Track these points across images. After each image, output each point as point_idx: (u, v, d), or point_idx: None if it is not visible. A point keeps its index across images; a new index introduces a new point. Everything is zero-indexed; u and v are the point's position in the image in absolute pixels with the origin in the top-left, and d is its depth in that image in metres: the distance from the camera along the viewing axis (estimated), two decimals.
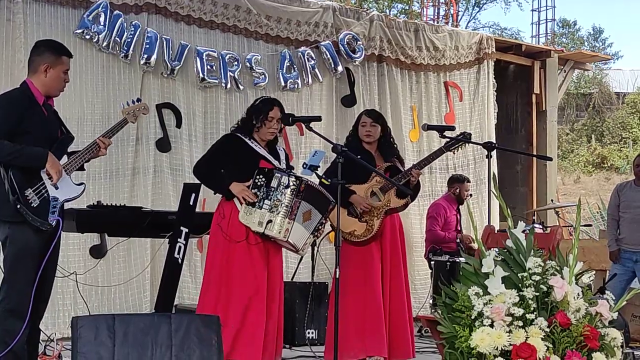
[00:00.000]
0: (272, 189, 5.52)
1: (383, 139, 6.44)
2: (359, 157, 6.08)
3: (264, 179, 5.54)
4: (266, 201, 5.52)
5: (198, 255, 8.14)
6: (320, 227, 5.74)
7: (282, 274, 5.91)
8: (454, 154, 6.77)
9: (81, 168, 5.15)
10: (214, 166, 5.71)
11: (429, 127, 6.81)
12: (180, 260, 6.08)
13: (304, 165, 5.87)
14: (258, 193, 5.54)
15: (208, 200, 6.94)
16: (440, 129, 6.73)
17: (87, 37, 7.73)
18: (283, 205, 5.50)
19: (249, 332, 5.51)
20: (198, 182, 5.93)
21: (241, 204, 5.58)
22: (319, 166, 5.85)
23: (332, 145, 5.57)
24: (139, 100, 5.51)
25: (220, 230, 5.64)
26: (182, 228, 6.03)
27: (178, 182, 8.00)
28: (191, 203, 6.04)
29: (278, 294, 5.72)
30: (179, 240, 6.04)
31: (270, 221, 5.50)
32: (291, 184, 5.52)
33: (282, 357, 5.84)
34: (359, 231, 6.19)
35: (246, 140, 5.74)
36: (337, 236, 5.33)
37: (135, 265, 7.70)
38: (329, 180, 5.55)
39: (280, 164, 5.78)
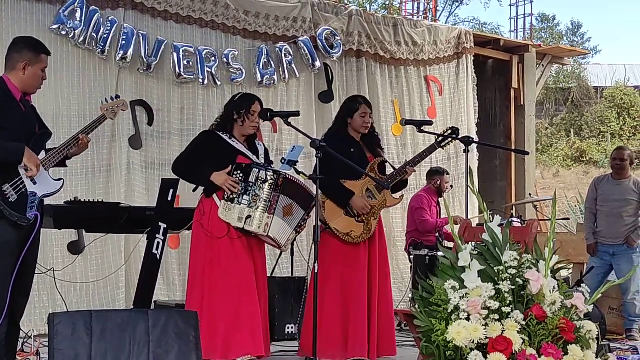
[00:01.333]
0: (251, 184, 5.52)
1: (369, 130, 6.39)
2: (352, 150, 6.10)
3: (241, 175, 5.54)
4: (245, 196, 5.52)
5: (172, 253, 8.13)
6: (303, 224, 5.74)
7: (266, 268, 5.93)
8: (444, 149, 6.74)
9: (63, 164, 5.16)
10: (193, 163, 5.72)
11: (407, 122, 6.82)
12: (158, 256, 6.07)
13: (283, 161, 5.90)
14: (236, 189, 5.54)
15: (182, 196, 6.96)
16: (418, 124, 6.73)
17: (63, 32, 7.70)
18: (261, 200, 5.50)
19: (247, 325, 5.51)
20: (176, 177, 5.93)
21: (220, 199, 5.58)
22: (297, 161, 5.88)
23: (310, 141, 5.58)
24: (117, 97, 5.50)
25: (201, 227, 5.65)
26: (160, 224, 6.03)
27: (149, 179, 8.04)
28: (169, 199, 6.03)
29: (263, 288, 5.74)
30: (157, 236, 6.02)
31: (249, 216, 5.50)
32: (269, 178, 5.52)
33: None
34: (357, 232, 6.10)
35: (223, 136, 5.74)
36: (316, 231, 5.33)
37: (114, 262, 7.69)
38: (307, 175, 5.57)
39: (258, 158, 5.78)
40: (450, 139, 6.44)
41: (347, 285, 6.10)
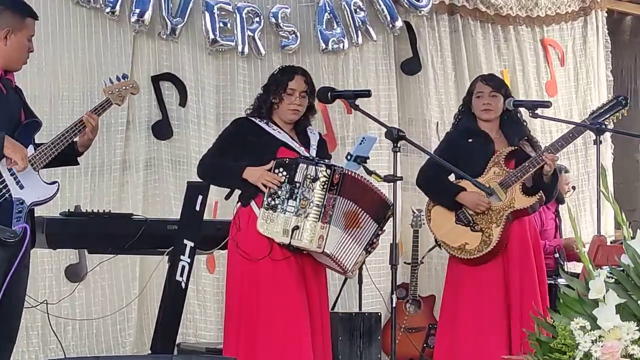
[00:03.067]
0: (297, 185, 5.48)
1: (506, 114, 6.46)
2: (469, 140, 6.25)
3: (285, 173, 5.50)
4: (290, 202, 5.48)
5: (208, 278, 8.12)
6: (375, 240, 5.68)
7: (327, 298, 5.90)
8: (607, 126, 6.64)
9: (74, 162, 5.31)
10: (222, 160, 5.70)
11: (517, 104, 6.72)
12: (184, 284, 6.11)
13: (348, 157, 5.83)
14: (279, 192, 5.51)
15: (221, 203, 6.95)
16: (530, 106, 6.66)
17: None
18: (312, 204, 5.45)
19: None
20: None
21: (260, 208, 5.54)
22: (368, 157, 5.79)
23: (386, 130, 5.52)
24: (125, 77, 5.55)
25: (237, 247, 5.63)
26: (185, 242, 6.05)
27: (182, 179, 7.93)
28: (197, 208, 6.05)
29: (321, 325, 5.71)
30: (182, 257, 6.06)
31: (297, 227, 5.44)
32: (320, 175, 5.45)
33: None
34: (472, 244, 6.15)
35: (260, 123, 5.72)
36: (394, 253, 5.26)
37: (126, 292, 7.74)
38: (382, 176, 5.50)
39: (309, 151, 5.76)
40: (616, 111, 6.37)
41: (479, 315, 6.18)
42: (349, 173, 5.57)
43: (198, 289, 8.02)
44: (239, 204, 5.71)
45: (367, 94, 5.99)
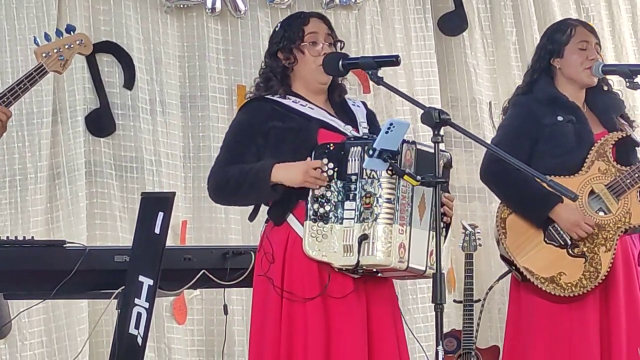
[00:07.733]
0: (353, 178, 5.44)
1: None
2: (558, 118, 6.23)
3: (332, 164, 5.46)
4: (347, 204, 5.43)
5: (177, 330, 8.16)
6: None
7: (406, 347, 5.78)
8: None
9: None
10: (240, 167, 5.60)
11: (606, 70, 6.69)
12: (140, 339, 6.05)
13: (370, 151, 5.76)
14: (328, 194, 5.45)
15: (192, 222, 6.89)
16: (627, 72, 6.60)
17: None
18: (381, 200, 5.38)
19: None
20: (168, 192, 5.89)
21: (301, 221, 5.48)
22: (398, 151, 5.73)
23: (422, 111, 5.46)
24: (71, 29, 5.54)
25: (271, 283, 5.53)
26: (142, 279, 6.00)
27: (131, 191, 8.08)
28: (157, 230, 6.00)
29: None
30: (136, 301, 6.01)
31: (364, 237, 5.37)
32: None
33: None
34: (571, 276, 6.12)
35: (281, 100, 5.67)
36: (438, 287, 5.19)
37: (71, 349, 7.79)
38: (419, 177, 5.45)
39: (358, 130, 5.73)
40: None
41: None
42: (423, 148, 5.49)
43: (160, 346, 8.06)
44: (269, 222, 5.64)
45: (393, 61, 5.88)
